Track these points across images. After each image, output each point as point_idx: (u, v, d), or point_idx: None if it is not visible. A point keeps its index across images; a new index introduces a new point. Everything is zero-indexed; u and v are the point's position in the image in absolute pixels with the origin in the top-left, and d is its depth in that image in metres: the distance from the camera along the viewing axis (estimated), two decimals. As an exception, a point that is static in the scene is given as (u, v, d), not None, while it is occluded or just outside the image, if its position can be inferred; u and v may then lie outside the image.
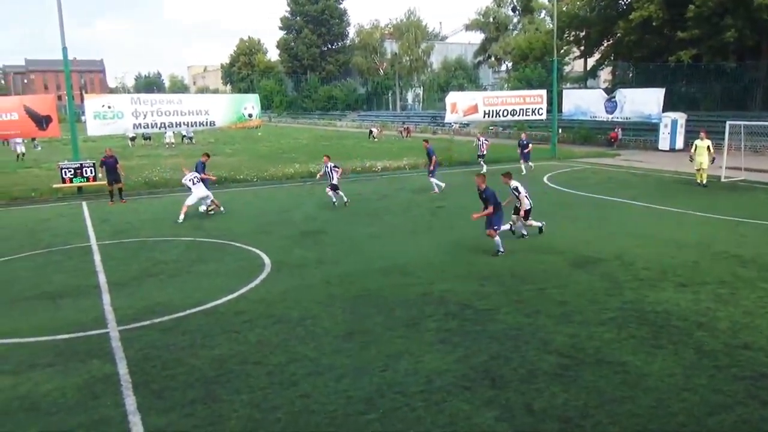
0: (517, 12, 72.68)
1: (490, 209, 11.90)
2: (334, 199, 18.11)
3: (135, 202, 20.58)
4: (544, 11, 69.78)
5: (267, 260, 12.10)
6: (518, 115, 31.83)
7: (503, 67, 75.37)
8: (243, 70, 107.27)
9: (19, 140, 34.68)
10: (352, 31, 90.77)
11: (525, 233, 13.51)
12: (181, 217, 16.39)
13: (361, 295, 9.83)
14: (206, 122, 24.95)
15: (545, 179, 23.34)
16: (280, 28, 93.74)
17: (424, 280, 10.54)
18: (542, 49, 52.65)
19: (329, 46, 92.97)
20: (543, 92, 32.17)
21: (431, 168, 20.74)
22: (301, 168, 26.92)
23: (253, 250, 13.01)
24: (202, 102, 26.04)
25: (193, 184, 16.93)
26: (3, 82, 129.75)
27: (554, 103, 32.35)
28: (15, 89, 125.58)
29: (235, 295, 9.98)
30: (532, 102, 31.31)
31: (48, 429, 6.02)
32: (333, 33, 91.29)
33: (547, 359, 7.28)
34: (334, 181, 18.03)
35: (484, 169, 25.41)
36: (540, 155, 30.55)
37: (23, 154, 35.75)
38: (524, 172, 24.59)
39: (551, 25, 49.29)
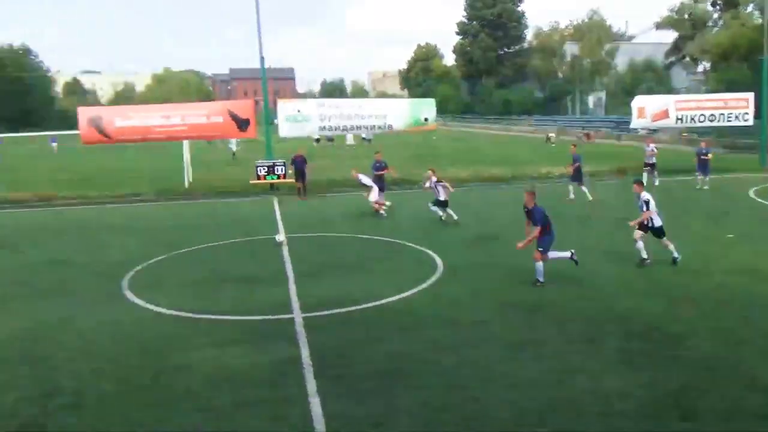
0: (717, 7, 65.65)
1: (537, 232, 10.49)
2: (441, 214, 16.68)
3: (318, 199, 22.03)
4: (751, 5, 62.21)
5: (440, 262, 12.22)
6: (717, 121, 28.66)
7: (699, 68, 68.56)
8: (419, 75, 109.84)
9: (233, 141, 38.70)
10: (529, 34, 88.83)
11: (646, 257, 11.53)
12: (382, 211, 17.39)
13: (536, 305, 9.53)
14: (384, 126, 25.89)
15: (751, 193, 20.73)
16: (457, 33, 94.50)
17: (605, 295, 9.93)
18: (749, 47, 46.94)
19: (506, 49, 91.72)
20: (750, 95, 28.62)
21: (573, 173, 20.10)
22: (476, 173, 26.85)
23: (427, 251, 13.22)
24: (381, 106, 27.12)
25: (370, 181, 17.91)
26: (211, 89, 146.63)
27: (763, 107, 28.65)
28: (220, 95, 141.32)
29: (408, 294, 10.22)
30: (736, 106, 28.02)
31: (241, 399, 6.63)
32: (510, 36, 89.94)
33: (752, 398, 6.41)
34: (441, 197, 16.52)
35: (652, 179, 23.13)
36: (745, 166, 27.32)
37: (234, 154, 39.69)
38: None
39: (761, 20, 43.76)
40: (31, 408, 6.52)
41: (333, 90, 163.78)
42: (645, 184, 12.05)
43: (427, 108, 26.82)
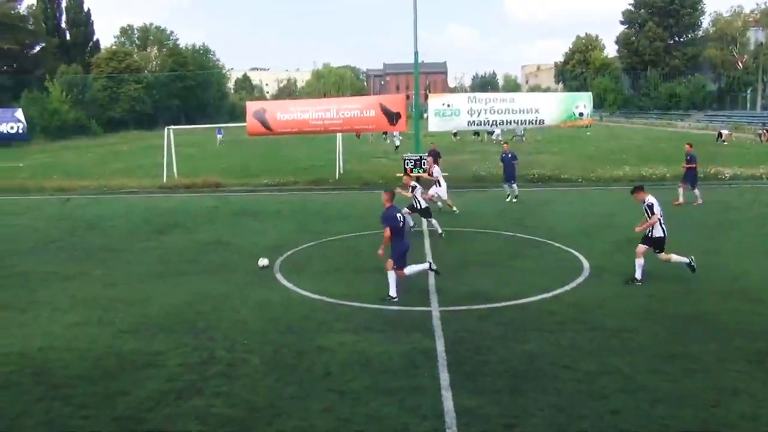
0: None
1: (387, 233, 9.87)
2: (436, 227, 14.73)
3: (461, 194, 21.90)
4: None
5: (586, 264, 11.65)
6: None
7: None
8: (576, 68, 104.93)
9: (396, 134, 39.59)
10: (706, 21, 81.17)
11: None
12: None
13: (691, 316, 8.74)
14: (535, 120, 25.04)
15: None
16: (621, 22, 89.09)
17: (776, 311, 8.85)
18: None
19: (676, 38, 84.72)
20: None
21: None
22: (632, 171, 25.19)
23: (572, 251, 12.67)
24: (533, 100, 26.26)
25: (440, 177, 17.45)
26: (366, 84, 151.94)
27: None
28: (373, 90, 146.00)
29: (549, 294, 9.87)
30: None
31: (375, 385, 6.84)
32: (682, 24, 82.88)
33: None
34: (422, 206, 14.60)
35: None
36: None
37: (397, 147, 40.49)
38: None
39: None
40: (190, 374, 7.24)
41: (484, 84, 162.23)
42: None
43: (582, 102, 25.48)
